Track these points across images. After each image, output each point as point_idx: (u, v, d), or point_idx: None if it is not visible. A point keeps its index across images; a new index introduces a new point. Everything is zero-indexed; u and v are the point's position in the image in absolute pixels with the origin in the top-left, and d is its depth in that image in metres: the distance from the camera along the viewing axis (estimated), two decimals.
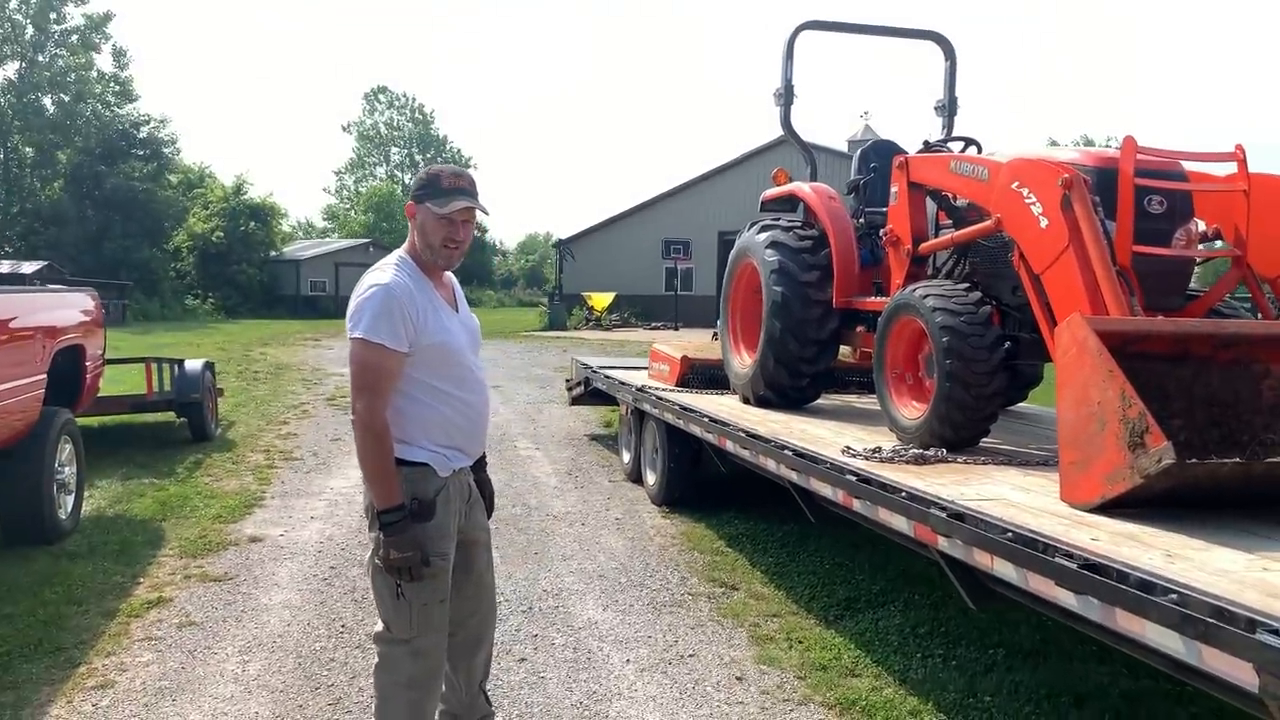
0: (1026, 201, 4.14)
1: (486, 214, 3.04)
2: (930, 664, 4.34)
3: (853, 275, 5.87)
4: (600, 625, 4.83)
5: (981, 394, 4.36)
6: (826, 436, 5.07)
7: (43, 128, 41.33)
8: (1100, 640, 3.14)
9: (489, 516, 3.27)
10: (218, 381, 11.46)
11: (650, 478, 7.48)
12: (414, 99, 76.00)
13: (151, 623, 4.79)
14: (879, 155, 6.30)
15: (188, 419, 9.79)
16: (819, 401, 6.46)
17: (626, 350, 21.62)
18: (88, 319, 6.86)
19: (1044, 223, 4.04)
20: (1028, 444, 4.99)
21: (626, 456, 8.34)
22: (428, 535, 2.88)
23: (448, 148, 74.71)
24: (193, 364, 9.84)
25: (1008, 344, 4.49)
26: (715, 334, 11.73)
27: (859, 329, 6.16)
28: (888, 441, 4.87)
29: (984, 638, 4.61)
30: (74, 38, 42.89)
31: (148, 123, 43.09)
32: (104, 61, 44.76)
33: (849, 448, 4.48)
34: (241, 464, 8.82)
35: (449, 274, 3.11)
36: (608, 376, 8.76)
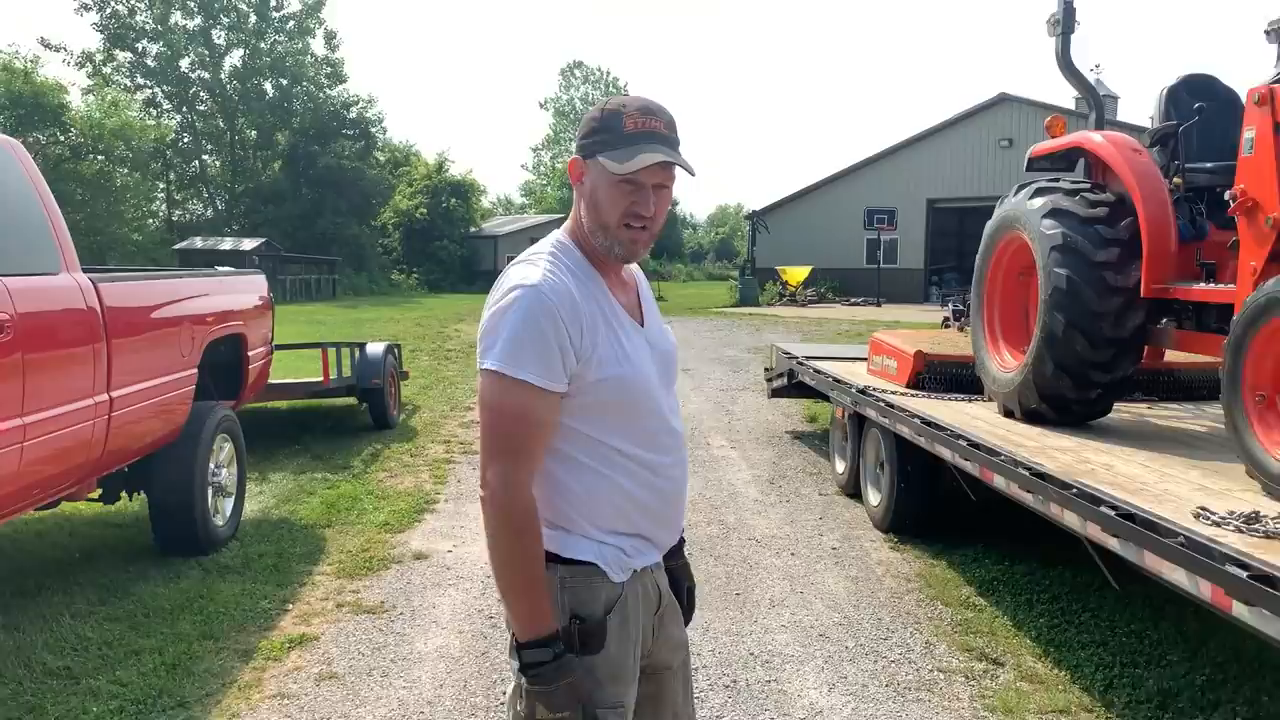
0: None
1: (692, 174, 1.94)
2: None
3: (1169, 253, 4.38)
4: (828, 717, 3.69)
5: None
6: (1147, 480, 3.67)
7: (263, 110, 43.86)
8: None
9: (688, 620, 2.19)
10: (405, 363, 11.05)
11: (873, 497, 6.22)
12: (609, 73, 76.00)
13: (289, 671, 4.05)
14: (1199, 93, 4.74)
15: (369, 405, 9.35)
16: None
17: (824, 329, 20.18)
18: (251, 305, 6.30)
19: None
20: None
21: (840, 465, 7.10)
22: (595, 677, 1.84)
23: None
24: (374, 348, 9.35)
25: None
26: (946, 320, 10.17)
27: (1165, 322, 4.68)
28: (1244, 490, 3.45)
29: None
30: (291, 23, 45.19)
31: (356, 103, 44.82)
32: (317, 45, 46.93)
33: (1205, 510, 3.09)
34: (419, 457, 8.24)
35: (633, 267, 2.05)
36: (818, 371, 7.50)
